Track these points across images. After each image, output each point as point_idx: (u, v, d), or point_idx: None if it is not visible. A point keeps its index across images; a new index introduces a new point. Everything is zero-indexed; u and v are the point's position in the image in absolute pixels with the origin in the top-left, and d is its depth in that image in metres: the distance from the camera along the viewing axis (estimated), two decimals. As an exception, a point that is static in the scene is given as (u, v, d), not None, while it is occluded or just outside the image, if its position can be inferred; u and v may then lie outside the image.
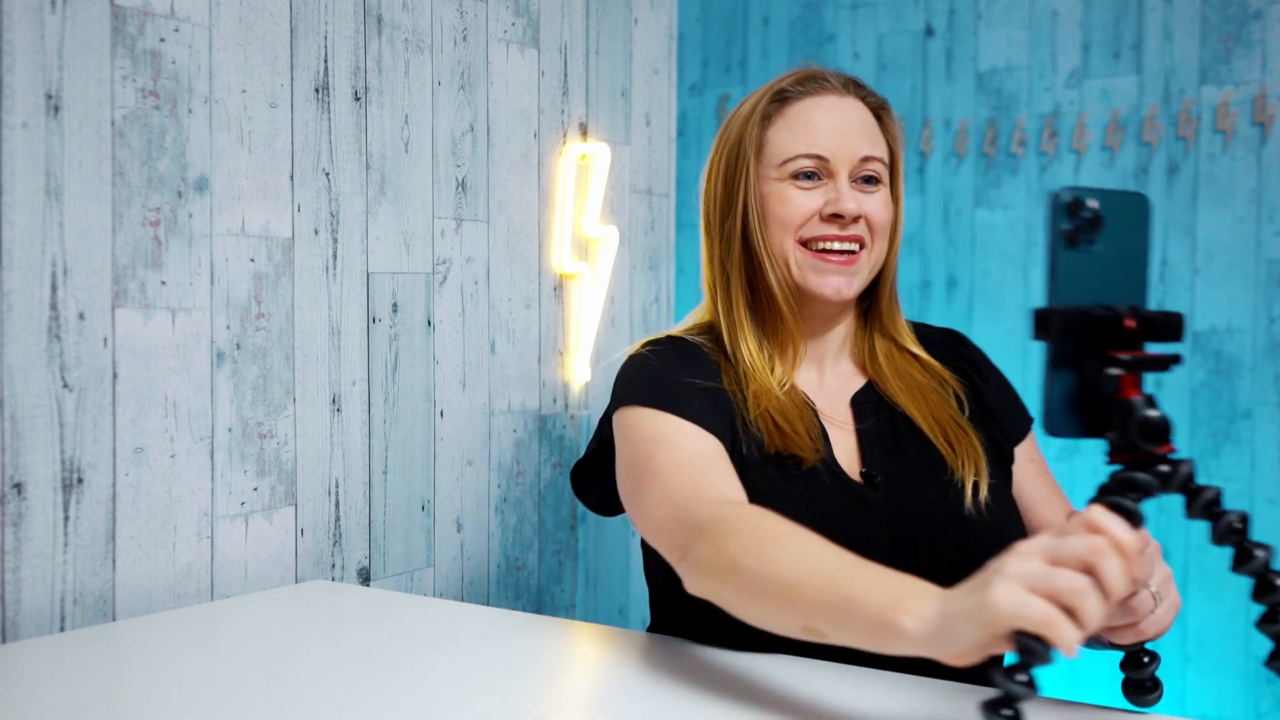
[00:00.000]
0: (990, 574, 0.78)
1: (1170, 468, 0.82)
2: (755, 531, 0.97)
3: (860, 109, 1.27)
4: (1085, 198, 0.82)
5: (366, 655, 1.12)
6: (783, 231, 1.24)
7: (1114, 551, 0.75)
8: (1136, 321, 0.82)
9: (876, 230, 1.25)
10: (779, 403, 1.21)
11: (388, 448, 1.66)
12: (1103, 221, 0.83)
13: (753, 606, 0.94)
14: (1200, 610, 1.85)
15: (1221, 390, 1.85)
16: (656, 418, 1.16)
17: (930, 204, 2.08)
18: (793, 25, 2.20)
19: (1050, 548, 0.77)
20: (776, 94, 1.27)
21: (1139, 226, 0.84)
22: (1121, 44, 1.92)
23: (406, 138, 1.68)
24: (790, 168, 1.24)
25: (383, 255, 1.64)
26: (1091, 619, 0.73)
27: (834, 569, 0.89)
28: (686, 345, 1.26)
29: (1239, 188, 1.84)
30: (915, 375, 1.29)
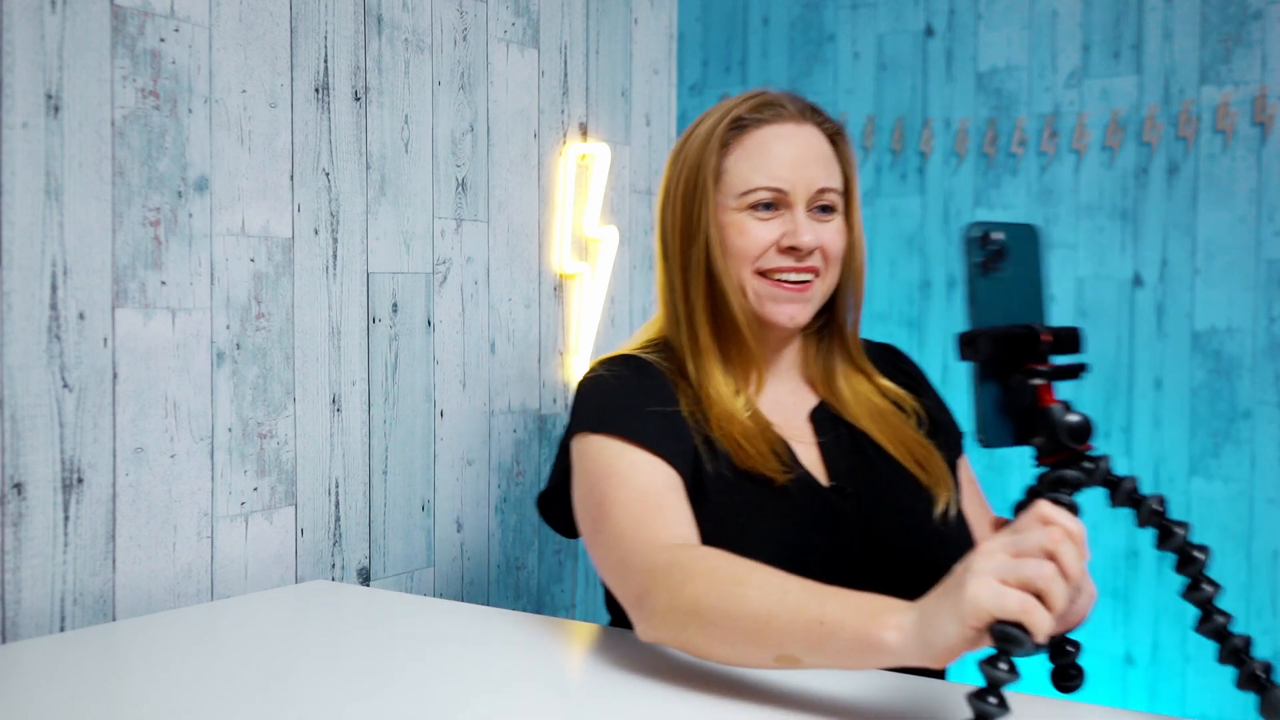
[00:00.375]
0: (961, 574, 0.82)
1: (1093, 464, 0.91)
2: (714, 572, 0.99)
3: (817, 136, 1.28)
4: (991, 230, 0.92)
5: (366, 655, 1.12)
6: (740, 262, 1.25)
7: (1068, 539, 0.82)
8: (1051, 336, 0.92)
9: (830, 259, 1.27)
10: (744, 427, 1.23)
11: (388, 448, 1.66)
12: (1007, 251, 0.92)
13: (721, 646, 0.96)
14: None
15: (1221, 390, 1.85)
16: (611, 448, 1.17)
17: (930, 204, 2.08)
18: (793, 25, 2.20)
19: (1012, 542, 0.82)
20: (734, 121, 1.28)
21: (1034, 253, 0.94)
22: (1121, 44, 1.92)
23: (406, 138, 1.68)
24: (749, 199, 1.25)
25: (383, 255, 1.64)
26: (1060, 601, 0.79)
27: (803, 597, 0.92)
28: (643, 365, 1.27)
29: (1239, 188, 1.84)
30: (874, 399, 1.32)
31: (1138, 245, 1.91)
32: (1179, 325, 1.88)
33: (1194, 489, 1.86)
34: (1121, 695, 1.91)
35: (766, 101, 1.29)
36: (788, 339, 1.32)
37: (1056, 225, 1.97)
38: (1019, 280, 0.93)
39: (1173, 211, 1.89)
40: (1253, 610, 1.82)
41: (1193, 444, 1.87)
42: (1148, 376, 1.90)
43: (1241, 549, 1.83)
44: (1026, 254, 0.93)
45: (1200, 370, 1.86)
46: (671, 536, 1.08)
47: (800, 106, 1.29)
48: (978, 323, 0.90)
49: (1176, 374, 1.88)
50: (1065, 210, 1.96)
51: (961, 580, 0.82)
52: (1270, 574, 1.81)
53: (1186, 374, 1.87)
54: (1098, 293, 1.94)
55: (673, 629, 1.00)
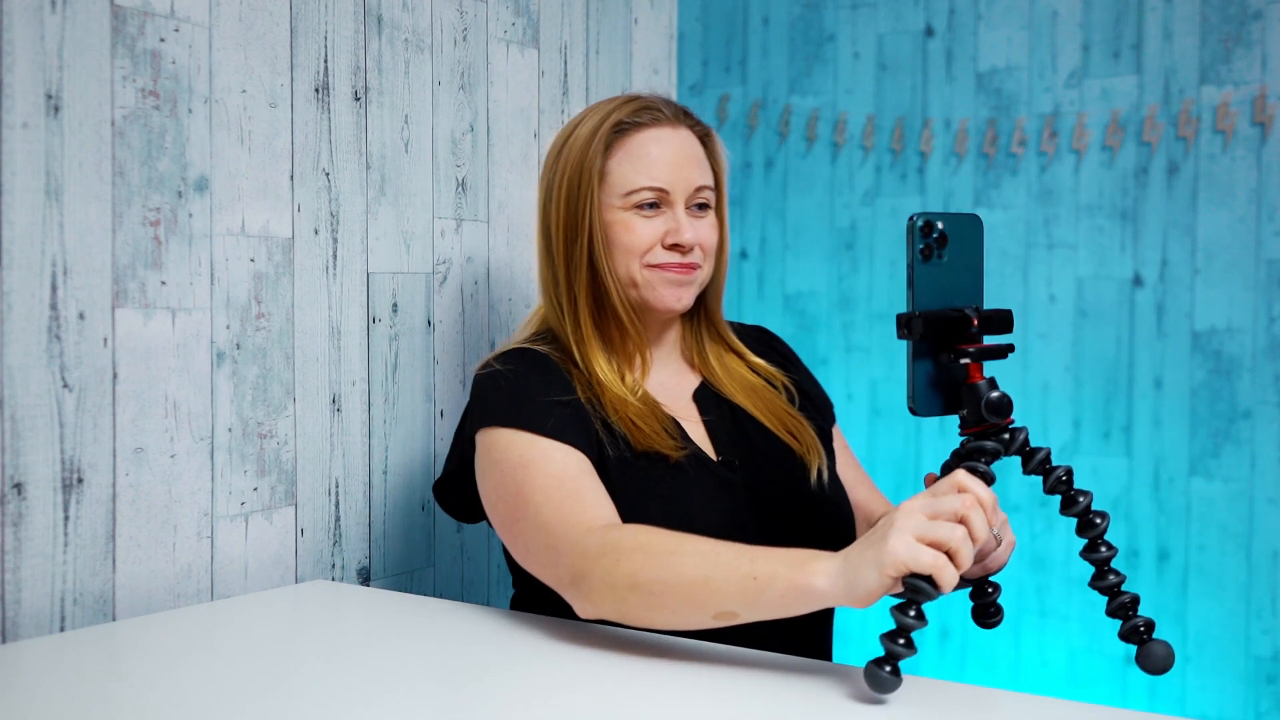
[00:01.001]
0: (884, 529, 0.94)
1: (1010, 435, 1.03)
2: (646, 547, 1.08)
3: (690, 138, 1.39)
4: (934, 220, 1.00)
5: (366, 655, 1.12)
6: (628, 257, 1.35)
7: (978, 506, 0.94)
8: (979, 320, 1.01)
9: (708, 251, 1.38)
10: (636, 409, 1.32)
11: (388, 448, 1.66)
12: (947, 239, 1.01)
13: (662, 613, 1.06)
14: (1200, 610, 1.86)
15: (1221, 390, 1.85)
16: (519, 440, 1.25)
17: (930, 204, 2.08)
18: (793, 25, 2.20)
19: (929, 505, 0.94)
20: (616, 125, 1.36)
21: (975, 242, 1.03)
22: (1121, 44, 1.92)
23: (406, 138, 1.68)
24: (634, 199, 1.34)
25: (383, 255, 1.65)
26: (966, 561, 0.92)
27: (734, 557, 1.03)
28: (537, 356, 1.35)
29: (1239, 188, 1.84)
30: (746, 375, 1.44)
31: (1138, 245, 1.91)
32: (1179, 325, 1.88)
33: (1194, 489, 1.86)
34: (1121, 695, 1.91)
35: (644, 105, 1.38)
36: (669, 323, 1.42)
37: (1056, 225, 1.97)
38: (958, 267, 1.02)
39: (1173, 211, 1.89)
40: (1253, 610, 1.82)
41: (1193, 444, 1.87)
42: (1148, 376, 1.90)
43: (1242, 549, 1.83)
44: (967, 243, 1.02)
45: (1200, 370, 1.86)
46: (595, 518, 1.17)
47: (675, 110, 1.39)
48: (915, 306, 0.99)
49: (1176, 374, 1.88)
50: (1065, 210, 1.96)
51: (884, 535, 0.93)
52: (1270, 574, 1.81)
53: (1186, 374, 1.87)
54: (1098, 293, 1.94)
55: (613, 603, 1.08)
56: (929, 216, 1.00)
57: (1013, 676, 1.99)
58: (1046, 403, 1.98)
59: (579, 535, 1.14)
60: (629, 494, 1.26)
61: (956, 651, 2.05)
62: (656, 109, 1.38)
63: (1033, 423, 1.99)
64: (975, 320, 1.01)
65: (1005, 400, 1.01)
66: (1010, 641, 2.00)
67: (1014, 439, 1.02)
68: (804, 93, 2.18)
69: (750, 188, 2.23)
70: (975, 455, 1.01)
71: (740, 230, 2.24)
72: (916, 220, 0.99)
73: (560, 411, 1.27)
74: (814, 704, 0.97)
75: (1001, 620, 1.16)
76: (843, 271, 2.15)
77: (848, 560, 0.97)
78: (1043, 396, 1.98)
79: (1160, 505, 1.89)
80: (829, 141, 2.16)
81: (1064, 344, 1.97)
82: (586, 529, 1.14)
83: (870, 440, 2.11)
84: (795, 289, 2.19)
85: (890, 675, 0.94)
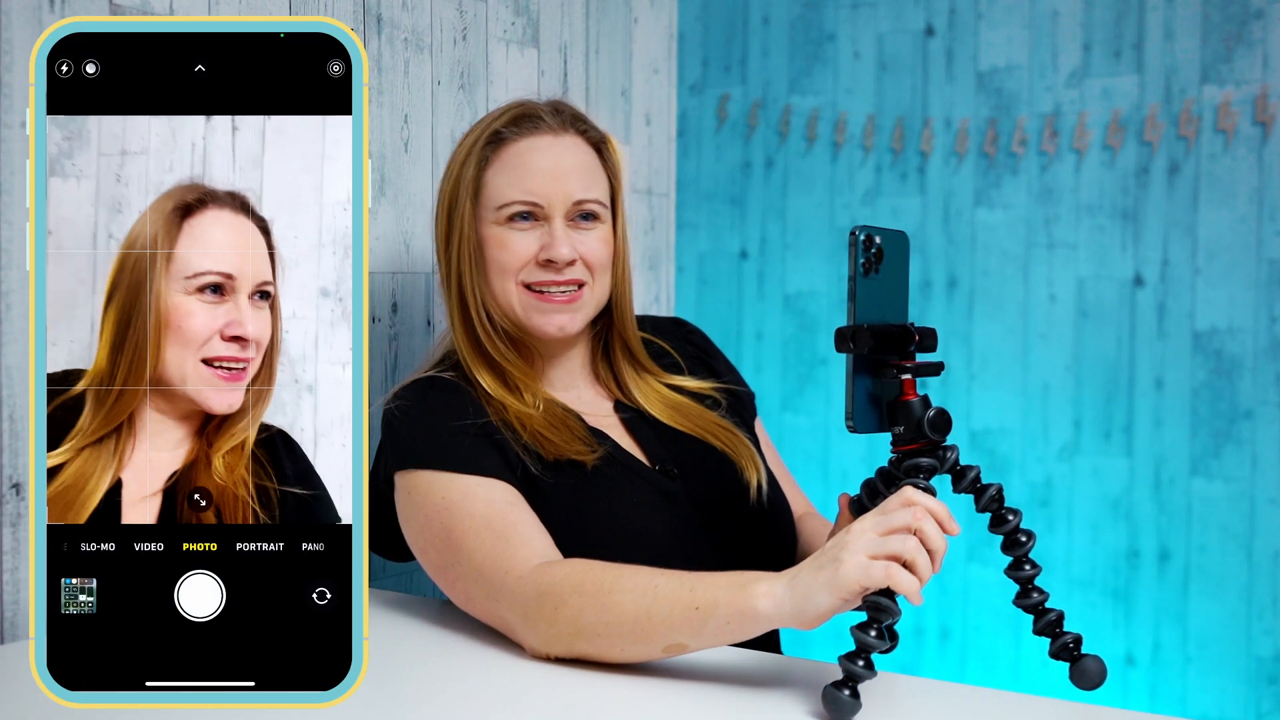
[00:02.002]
0: (836, 551, 0.93)
1: (943, 453, 1.01)
2: (582, 588, 1.03)
3: (577, 146, 1.30)
4: (875, 234, 0.98)
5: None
6: (503, 275, 1.27)
7: (929, 516, 0.93)
8: (920, 335, 1.00)
9: (596, 268, 1.29)
10: (540, 420, 1.24)
11: (387, 448, 1.65)
12: (884, 254, 0.99)
13: (610, 651, 1.03)
14: (1201, 611, 1.85)
15: (1222, 390, 1.85)
16: (439, 481, 1.17)
17: (930, 204, 2.08)
18: (793, 25, 2.20)
19: (880, 523, 0.93)
20: (492, 136, 1.29)
21: (905, 258, 1.02)
22: (1122, 43, 1.92)
23: (406, 137, 1.68)
24: (505, 212, 1.26)
25: (383, 255, 1.64)
26: (925, 570, 0.91)
27: (674, 588, 1.00)
28: (443, 384, 1.27)
29: (1240, 187, 1.84)
30: (666, 394, 1.35)
31: (1138, 245, 1.91)
32: (1180, 325, 1.88)
33: (1195, 489, 1.86)
34: (1122, 695, 1.90)
35: (524, 114, 1.30)
36: (568, 346, 1.34)
37: (1057, 225, 1.97)
38: (892, 283, 1.00)
39: (1174, 211, 1.89)
40: (1254, 611, 1.82)
41: (1194, 444, 1.86)
42: (1148, 376, 1.90)
43: (1243, 549, 1.82)
44: (899, 259, 1.01)
45: (1201, 370, 1.86)
46: (529, 557, 1.10)
47: (562, 118, 1.30)
48: (857, 319, 0.98)
49: (1177, 374, 1.88)
50: (1066, 210, 1.96)
51: (836, 557, 0.93)
52: (1271, 574, 1.81)
53: (1187, 374, 1.87)
54: (1098, 293, 1.94)
55: (561, 649, 1.05)
56: (870, 230, 0.98)
57: (1013, 676, 1.99)
58: (1047, 403, 1.97)
59: (513, 584, 1.08)
60: (561, 512, 1.20)
61: (956, 651, 2.04)
62: (538, 117, 1.29)
63: (1033, 423, 1.98)
64: (917, 335, 1.00)
65: (946, 417, 1.00)
66: (1010, 641, 2.00)
67: (946, 457, 1.01)
68: (804, 92, 2.18)
69: (750, 188, 2.23)
70: (913, 473, 0.99)
71: (740, 230, 2.24)
72: (859, 233, 0.97)
73: (474, 441, 1.20)
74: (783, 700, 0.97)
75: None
76: (842, 271, 2.14)
77: (795, 582, 0.95)
78: (1043, 396, 1.98)
79: (1161, 505, 1.89)
80: (829, 141, 2.16)
81: (1064, 344, 1.96)
82: (519, 576, 1.08)
83: (870, 440, 2.11)
84: (795, 289, 2.19)
85: (850, 699, 0.92)
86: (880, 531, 0.93)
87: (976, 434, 2.03)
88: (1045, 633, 1.01)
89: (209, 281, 0.71)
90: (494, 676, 1.07)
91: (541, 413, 1.25)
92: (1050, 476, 1.97)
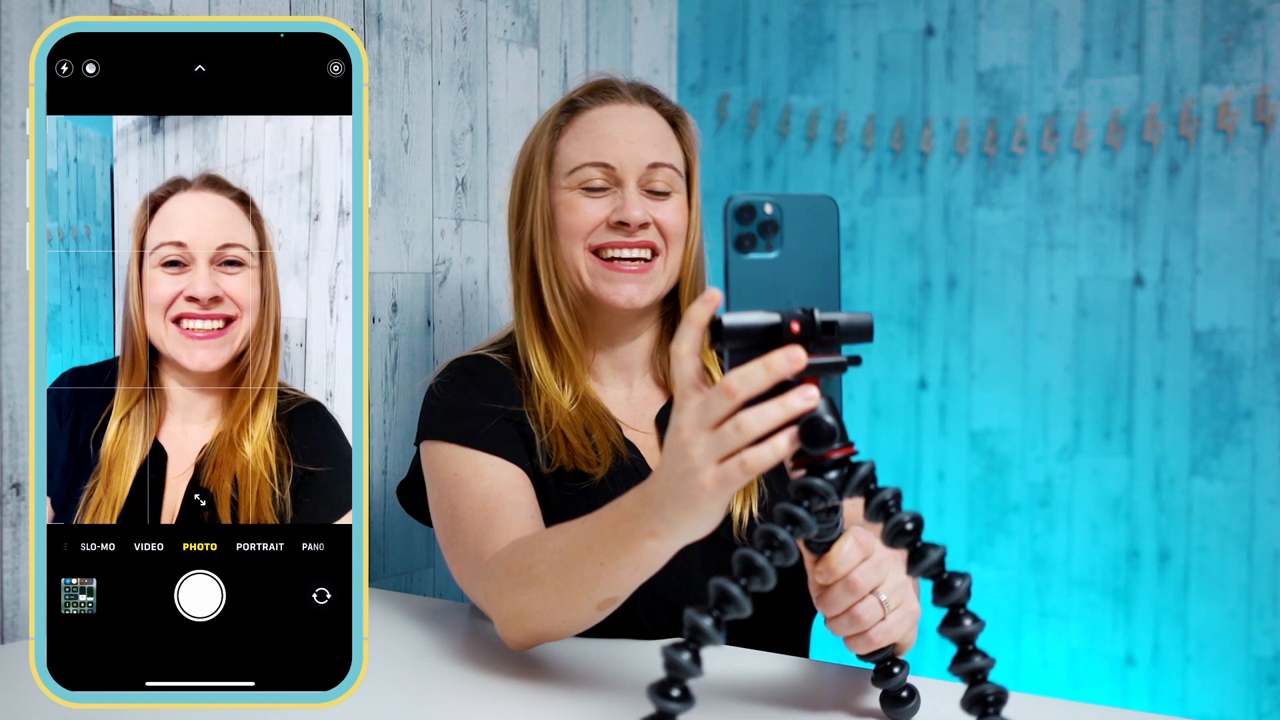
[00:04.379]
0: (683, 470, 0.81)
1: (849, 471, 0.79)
2: (511, 570, 1.01)
3: (651, 117, 1.28)
4: (760, 203, 0.80)
5: (366, 656, 1.11)
6: (571, 240, 1.24)
7: (747, 382, 0.77)
8: (802, 326, 0.79)
9: (670, 236, 1.24)
10: (569, 417, 1.22)
11: (387, 448, 1.65)
12: (779, 227, 0.81)
13: (555, 627, 1.00)
14: (1200, 610, 1.85)
15: (1222, 390, 1.85)
16: (455, 456, 1.18)
17: (930, 204, 2.08)
18: (793, 25, 2.20)
19: (702, 420, 0.80)
20: (567, 104, 1.28)
21: (825, 230, 0.82)
22: (1122, 43, 1.92)
23: (406, 137, 1.68)
24: (578, 177, 1.24)
25: (383, 255, 1.64)
26: (779, 442, 0.78)
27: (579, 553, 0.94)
28: (487, 363, 1.27)
29: (1240, 187, 1.84)
30: None
31: (1139, 245, 1.91)
32: (1180, 325, 1.88)
33: (1195, 489, 1.86)
34: (1122, 695, 1.90)
35: (601, 84, 1.29)
36: (633, 326, 1.29)
37: (1057, 225, 1.97)
38: (797, 260, 0.81)
39: (1174, 211, 1.89)
40: (1254, 611, 1.82)
41: (1194, 444, 1.86)
42: (1148, 376, 1.90)
43: (1243, 549, 1.82)
44: (810, 232, 0.82)
45: (1201, 370, 1.86)
46: (502, 542, 1.09)
47: (637, 89, 1.29)
48: (734, 307, 0.80)
49: (1177, 374, 1.88)
50: (1066, 210, 1.96)
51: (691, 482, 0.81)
52: (1271, 574, 1.81)
53: (1187, 374, 1.87)
54: (1098, 293, 1.94)
55: (517, 635, 1.04)
56: (749, 198, 0.80)
57: (1013, 676, 1.99)
58: (1047, 403, 1.97)
59: (481, 568, 1.08)
60: (560, 512, 1.18)
61: (957, 652, 2.04)
62: (614, 88, 1.28)
63: (1033, 423, 1.98)
64: (796, 326, 0.79)
65: (823, 425, 0.78)
66: (1010, 641, 2.00)
67: (853, 475, 0.79)
68: (804, 92, 2.18)
69: (750, 187, 2.23)
70: (804, 497, 0.79)
71: (740, 230, 2.24)
72: (734, 201, 0.80)
73: (500, 424, 1.19)
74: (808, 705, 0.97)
75: (917, 707, 0.94)
76: (843, 271, 2.14)
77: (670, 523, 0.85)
78: (1043, 396, 1.98)
79: (1161, 505, 1.89)
80: (829, 141, 2.16)
81: (1065, 344, 1.96)
82: (485, 561, 1.08)
83: (871, 439, 2.11)
84: (795, 289, 2.19)
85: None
86: (709, 427, 0.80)
87: (976, 434, 2.03)
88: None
89: (166, 255, 0.77)
90: (494, 676, 1.07)
91: (575, 409, 1.23)
92: (1050, 476, 1.97)
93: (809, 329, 0.79)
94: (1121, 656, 1.91)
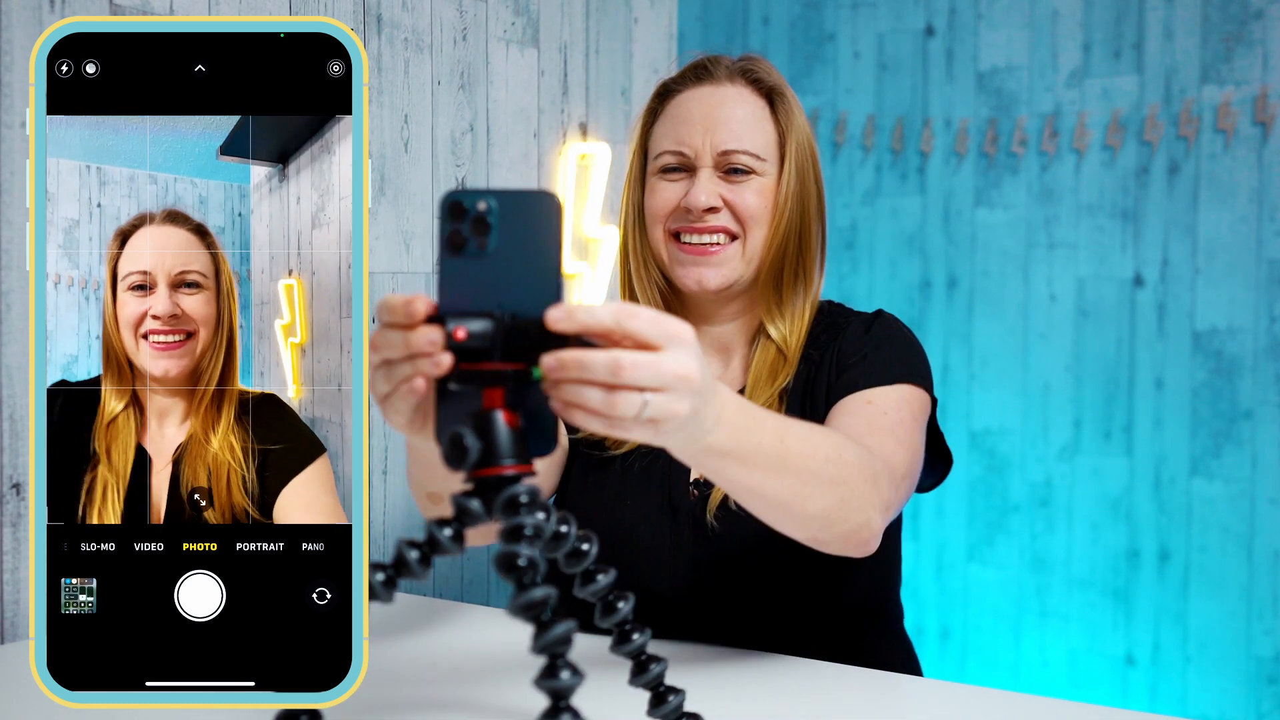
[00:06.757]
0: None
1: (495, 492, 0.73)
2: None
3: (743, 97, 1.24)
4: (471, 200, 0.75)
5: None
6: (654, 224, 1.25)
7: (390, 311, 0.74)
8: (468, 334, 0.73)
9: (747, 220, 1.21)
10: None
11: (387, 448, 1.65)
12: (489, 226, 0.75)
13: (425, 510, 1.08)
14: (1201, 610, 1.85)
15: (1222, 390, 1.84)
16: None
17: (930, 204, 2.08)
18: (793, 25, 2.20)
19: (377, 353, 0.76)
20: (661, 89, 1.29)
21: (545, 228, 0.76)
22: (1122, 43, 1.92)
23: (406, 137, 1.68)
24: (659, 163, 1.25)
25: (383, 255, 1.64)
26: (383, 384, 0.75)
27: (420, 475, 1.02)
28: None
29: (1240, 187, 1.84)
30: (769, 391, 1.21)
31: (1139, 245, 1.91)
32: (1180, 325, 1.88)
33: (1195, 489, 1.86)
34: (1122, 695, 1.90)
35: (695, 65, 1.28)
36: (721, 310, 1.26)
37: (1057, 225, 1.97)
38: (512, 260, 0.75)
39: (1174, 211, 1.89)
40: (1254, 611, 1.82)
41: (1194, 444, 1.86)
42: (1148, 376, 1.90)
43: (1243, 549, 1.82)
44: (530, 229, 0.75)
45: (1201, 370, 1.86)
46: None
47: (732, 70, 1.25)
48: (441, 308, 0.74)
49: (1177, 374, 1.88)
50: (1066, 210, 1.96)
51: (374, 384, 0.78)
52: (1271, 574, 1.81)
53: (1187, 374, 1.87)
54: (1098, 292, 1.94)
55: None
56: (464, 194, 0.75)
57: (1013, 676, 1.99)
58: (1047, 403, 1.97)
59: None
60: (573, 482, 1.23)
61: (956, 651, 2.04)
62: (706, 68, 1.26)
63: (1033, 423, 1.98)
64: (461, 333, 0.73)
65: (460, 443, 0.71)
66: (1010, 641, 2.00)
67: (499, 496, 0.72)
68: (804, 92, 2.18)
69: (750, 187, 2.23)
70: (459, 518, 0.72)
71: (740, 230, 2.24)
72: (446, 198, 0.75)
73: None
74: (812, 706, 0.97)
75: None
76: (843, 271, 2.14)
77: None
78: (1043, 396, 1.98)
79: (1161, 505, 1.89)
80: (829, 141, 2.16)
81: (1065, 344, 1.96)
82: None
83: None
84: (795, 289, 2.19)
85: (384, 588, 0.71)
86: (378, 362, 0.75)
87: (976, 434, 2.03)
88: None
89: (132, 282, 0.88)
90: (494, 676, 1.07)
91: None
92: (1050, 476, 1.97)
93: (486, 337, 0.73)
94: (1121, 656, 1.91)
